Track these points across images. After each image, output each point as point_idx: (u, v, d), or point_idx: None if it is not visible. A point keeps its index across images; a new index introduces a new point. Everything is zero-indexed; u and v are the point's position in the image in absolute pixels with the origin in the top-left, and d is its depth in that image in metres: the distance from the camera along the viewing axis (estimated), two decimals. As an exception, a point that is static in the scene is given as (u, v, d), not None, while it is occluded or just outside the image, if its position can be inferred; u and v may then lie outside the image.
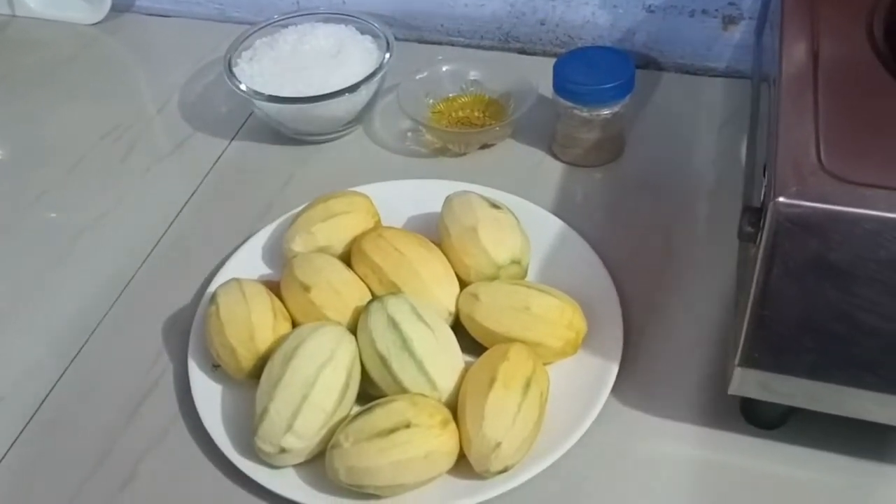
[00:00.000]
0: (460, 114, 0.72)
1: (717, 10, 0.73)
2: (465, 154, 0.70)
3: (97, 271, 0.64)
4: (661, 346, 0.56)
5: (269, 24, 0.75)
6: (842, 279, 0.41)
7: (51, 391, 0.57)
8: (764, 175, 0.44)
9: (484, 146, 0.71)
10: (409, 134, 0.72)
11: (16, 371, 0.58)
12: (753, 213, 0.43)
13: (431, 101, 0.73)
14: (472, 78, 0.73)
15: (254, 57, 0.72)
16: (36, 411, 0.56)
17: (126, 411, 0.55)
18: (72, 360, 0.58)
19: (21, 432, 0.55)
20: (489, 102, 0.73)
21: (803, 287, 0.42)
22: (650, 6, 0.74)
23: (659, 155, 0.69)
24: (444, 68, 0.73)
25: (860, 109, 0.45)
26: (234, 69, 0.71)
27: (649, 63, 0.77)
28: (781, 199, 0.40)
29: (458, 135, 0.70)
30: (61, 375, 0.58)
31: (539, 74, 0.70)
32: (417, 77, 0.72)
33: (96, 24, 0.89)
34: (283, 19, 0.75)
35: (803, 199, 0.40)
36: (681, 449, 0.51)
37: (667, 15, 0.74)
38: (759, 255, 0.42)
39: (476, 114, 0.72)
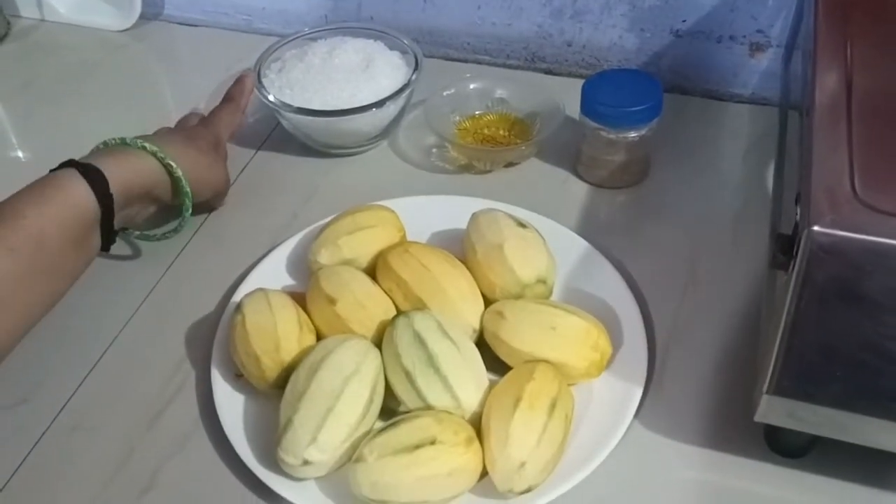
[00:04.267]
0: (486, 132, 0.73)
1: (744, 36, 0.73)
2: (489, 172, 0.71)
3: (121, 277, 0.64)
4: (685, 371, 0.56)
5: (300, 36, 0.75)
6: (873, 309, 0.41)
7: (72, 395, 0.57)
8: (796, 203, 0.44)
9: (508, 164, 0.71)
10: (434, 150, 0.73)
11: (39, 374, 0.58)
12: (786, 241, 0.43)
13: (457, 118, 0.73)
14: (498, 96, 0.74)
15: (283, 68, 0.72)
16: (57, 415, 0.56)
17: (147, 418, 0.55)
18: (94, 365, 0.59)
19: (42, 435, 0.55)
20: (515, 121, 0.73)
21: (835, 316, 0.42)
22: (678, 31, 0.75)
23: (683, 178, 0.69)
24: (471, 86, 0.74)
25: (893, 140, 0.45)
26: (263, 80, 0.72)
27: (675, 87, 0.77)
28: (816, 227, 0.40)
29: (484, 152, 0.71)
30: (83, 380, 0.58)
31: (564, 95, 0.70)
32: (444, 94, 0.73)
33: (125, 30, 0.90)
34: (313, 32, 0.76)
35: (838, 229, 0.40)
36: (703, 475, 0.51)
37: (694, 40, 0.75)
38: (792, 283, 0.42)
39: (501, 132, 0.73)
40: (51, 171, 0.58)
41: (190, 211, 0.63)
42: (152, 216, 0.65)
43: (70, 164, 0.58)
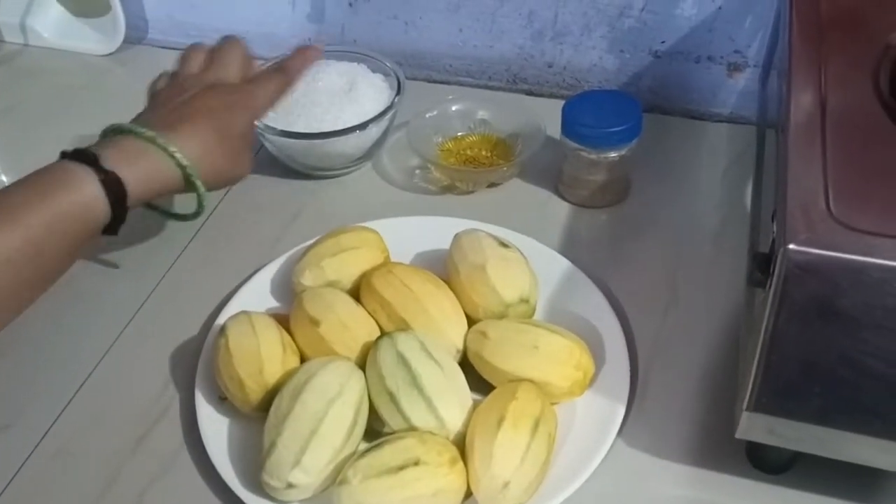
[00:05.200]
0: (468, 153, 0.73)
1: (722, 57, 0.75)
2: (472, 192, 0.71)
3: (105, 300, 0.64)
4: (667, 388, 0.56)
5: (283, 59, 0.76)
6: (850, 325, 0.42)
7: (56, 420, 0.57)
8: (773, 221, 0.45)
9: (491, 185, 0.72)
10: (418, 171, 0.73)
11: (21, 399, 0.58)
12: (763, 259, 0.44)
13: (440, 139, 0.74)
14: (480, 117, 0.75)
15: (266, 92, 0.73)
16: (40, 440, 0.56)
17: (132, 441, 0.55)
18: (78, 389, 0.58)
19: (26, 460, 0.55)
20: (497, 142, 0.74)
21: (812, 333, 0.42)
22: (657, 52, 0.76)
23: (664, 197, 0.70)
24: (453, 108, 0.75)
25: (867, 158, 0.45)
26: (247, 103, 0.72)
27: (655, 107, 0.78)
28: (792, 245, 0.40)
29: (466, 173, 0.71)
30: (67, 404, 0.58)
31: (546, 116, 0.71)
32: (427, 115, 0.73)
33: (108, 55, 0.90)
34: (296, 56, 0.76)
35: (813, 247, 0.40)
36: (686, 492, 0.51)
37: (673, 61, 0.76)
38: (769, 301, 0.42)
39: (484, 153, 0.73)
40: (64, 155, 0.53)
41: (204, 206, 0.58)
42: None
43: (82, 158, 0.52)
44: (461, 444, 0.50)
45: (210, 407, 0.55)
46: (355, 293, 0.59)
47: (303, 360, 0.55)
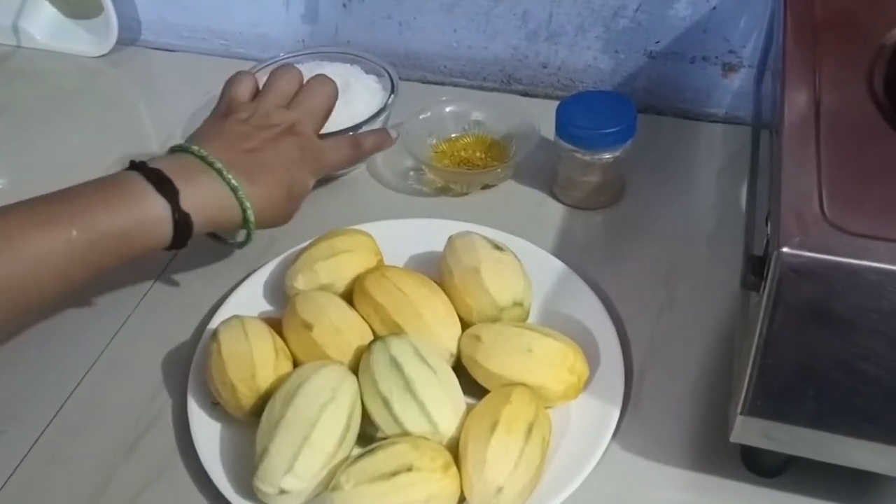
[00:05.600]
0: (462, 154, 0.73)
1: (717, 57, 0.74)
2: (466, 194, 0.71)
3: (96, 305, 0.64)
4: (663, 391, 0.56)
5: (277, 61, 0.76)
6: (844, 329, 0.41)
7: (47, 427, 0.56)
8: (766, 224, 0.44)
9: (485, 186, 0.71)
10: (412, 173, 0.73)
11: (12, 406, 0.58)
12: (757, 263, 0.44)
13: (434, 141, 0.73)
14: (474, 119, 0.74)
15: (259, 94, 0.72)
16: (31, 447, 0.55)
17: (124, 447, 0.55)
18: (69, 395, 0.58)
19: (17, 467, 0.54)
20: (491, 143, 0.73)
21: (806, 336, 0.42)
22: (651, 52, 0.76)
23: (659, 199, 0.69)
24: (447, 109, 0.74)
25: (861, 160, 0.45)
26: (240, 106, 0.72)
27: (649, 108, 0.78)
28: (785, 249, 0.40)
29: (461, 175, 0.71)
30: (58, 411, 0.57)
31: (540, 116, 0.71)
32: (421, 117, 0.73)
33: (101, 56, 0.90)
34: (289, 57, 0.76)
35: (806, 250, 0.40)
36: (681, 495, 0.51)
37: (668, 61, 0.76)
38: (763, 305, 0.42)
39: (478, 154, 0.73)
40: (142, 171, 0.54)
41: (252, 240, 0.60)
42: None
43: (162, 188, 0.53)
44: (455, 449, 0.50)
45: (202, 412, 0.55)
46: (348, 297, 0.59)
47: (295, 364, 0.55)
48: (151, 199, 0.53)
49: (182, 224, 0.54)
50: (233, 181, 0.55)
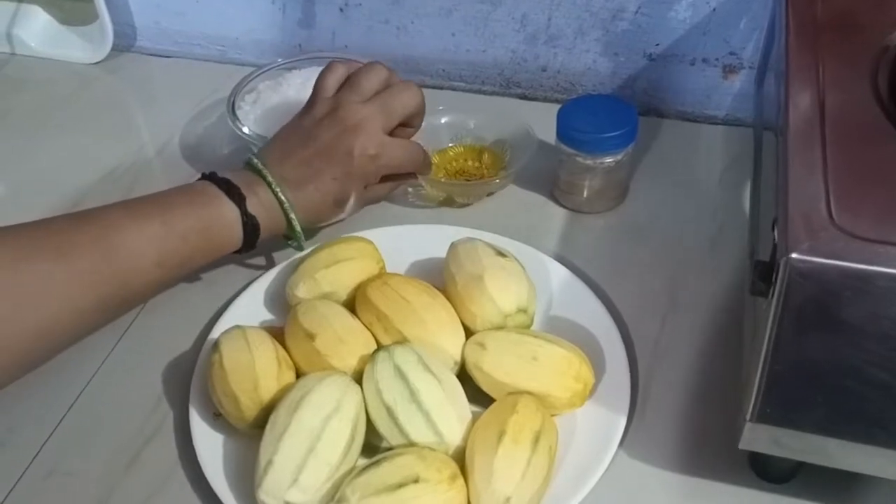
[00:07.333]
0: (454, 165, 0.72)
1: (717, 59, 0.74)
2: (469, 205, 0.70)
3: (96, 315, 0.63)
4: (669, 398, 0.55)
5: (274, 66, 0.75)
6: (854, 335, 0.41)
7: (48, 439, 0.56)
8: (773, 229, 0.44)
9: (488, 194, 0.71)
10: (410, 189, 0.71)
11: (12, 418, 0.57)
12: (765, 268, 0.43)
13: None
14: (466, 127, 0.72)
15: (257, 100, 0.72)
16: (33, 460, 0.55)
17: (125, 460, 0.54)
18: (69, 407, 0.58)
19: (17, 482, 0.54)
20: (481, 150, 0.72)
21: (816, 342, 0.42)
22: (651, 54, 0.75)
23: (661, 201, 0.69)
24: (442, 120, 0.72)
25: (867, 164, 0.45)
26: (238, 111, 0.71)
27: (650, 110, 0.78)
28: (794, 255, 0.40)
29: (463, 187, 0.69)
30: (59, 423, 0.57)
31: (540, 120, 0.70)
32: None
33: (96, 63, 0.89)
34: (287, 62, 0.76)
35: (815, 256, 0.40)
36: (689, 503, 0.50)
37: (668, 63, 0.75)
38: (772, 311, 0.42)
39: (470, 163, 0.72)
40: (213, 180, 0.59)
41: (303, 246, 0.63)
42: None
43: (227, 191, 0.58)
44: (460, 458, 0.49)
45: (204, 424, 0.54)
46: (351, 305, 0.58)
47: (298, 374, 0.54)
48: (225, 203, 0.58)
49: (250, 226, 0.59)
50: (280, 195, 0.59)
